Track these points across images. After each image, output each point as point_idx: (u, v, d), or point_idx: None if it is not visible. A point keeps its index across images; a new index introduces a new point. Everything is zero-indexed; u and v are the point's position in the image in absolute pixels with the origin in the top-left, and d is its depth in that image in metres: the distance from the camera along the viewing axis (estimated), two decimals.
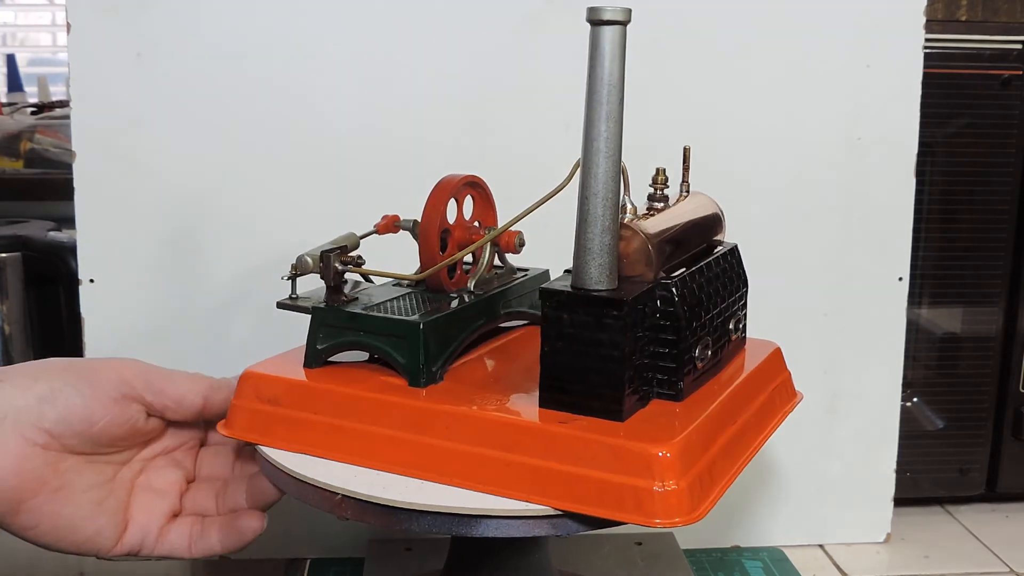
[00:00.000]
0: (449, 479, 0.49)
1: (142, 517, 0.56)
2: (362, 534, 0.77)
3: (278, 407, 0.53)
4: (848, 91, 0.77)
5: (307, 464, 0.51)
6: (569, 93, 0.75)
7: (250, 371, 0.55)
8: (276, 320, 0.75)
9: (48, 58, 2.23)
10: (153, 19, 0.72)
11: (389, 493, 0.48)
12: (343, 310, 0.55)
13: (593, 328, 0.48)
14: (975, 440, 0.87)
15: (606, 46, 0.46)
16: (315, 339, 0.55)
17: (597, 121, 0.46)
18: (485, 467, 0.48)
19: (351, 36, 0.73)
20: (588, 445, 0.47)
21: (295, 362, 0.56)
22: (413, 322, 0.53)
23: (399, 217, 0.60)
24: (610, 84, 0.46)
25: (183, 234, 0.74)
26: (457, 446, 0.49)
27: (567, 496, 0.47)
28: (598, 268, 0.48)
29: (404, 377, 0.53)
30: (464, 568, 0.58)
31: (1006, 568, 0.80)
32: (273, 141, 0.74)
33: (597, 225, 0.48)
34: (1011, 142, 0.82)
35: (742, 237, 0.77)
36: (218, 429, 0.55)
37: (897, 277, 0.79)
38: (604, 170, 0.47)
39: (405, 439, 0.50)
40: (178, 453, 0.60)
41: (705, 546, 0.81)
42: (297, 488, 0.51)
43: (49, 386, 0.52)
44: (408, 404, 0.51)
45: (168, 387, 0.56)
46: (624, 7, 0.45)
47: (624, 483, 0.46)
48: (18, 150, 1.33)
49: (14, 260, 0.98)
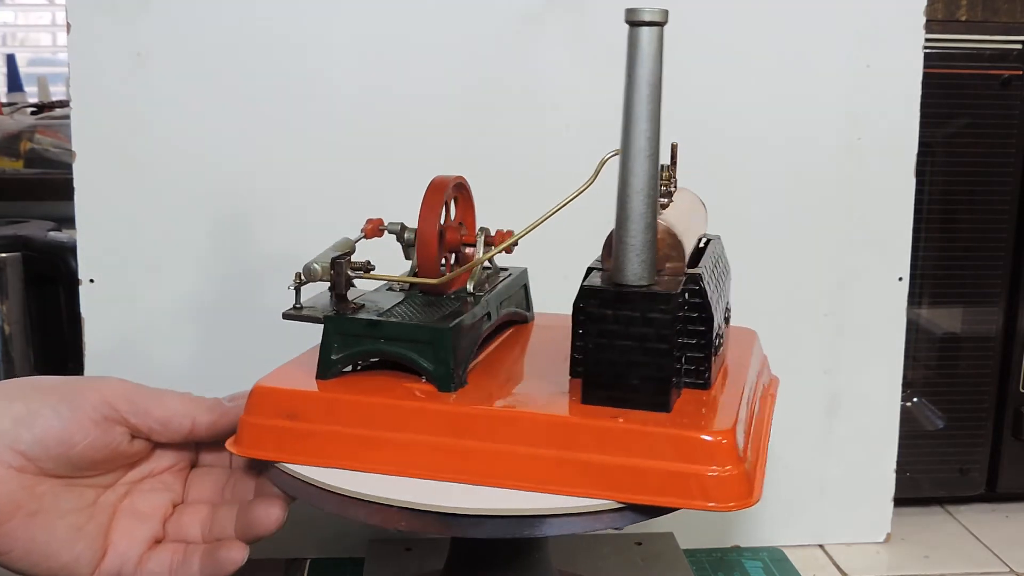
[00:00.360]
0: (500, 481, 0.49)
1: (122, 543, 0.54)
2: (362, 534, 0.77)
3: (298, 422, 0.51)
4: (848, 91, 0.77)
5: (346, 478, 0.49)
6: (569, 93, 0.75)
7: (262, 386, 0.52)
8: (276, 321, 0.75)
9: (48, 58, 2.23)
10: (153, 19, 0.72)
11: (449, 501, 0.47)
12: (360, 318, 0.53)
13: (639, 323, 0.49)
14: (975, 440, 0.87)
15: (644, 47, 0.47)
16: (329, 349, 0.53)
17: (637, 120, 0.48)
18: (539, 467, 0.48)
19: (351, 36, 0.73)
20: (647, 437, 0.48)
21: (305, 373, 0.54)
22: (442, 327, 0.52)
23: (383, 221, 0.59)
24: (649, 84, 0.47)
25: (183, 234, 0.74)
26: (506, 448, 0.49)
27: (628, 488, 0.47)
28: (641, 264, 0.49)
29: (432, 383, 0.52)
30: (464, 568, 0.58)
31: (1006, 568, 0.80)
32: (273, 141, 0.74)
33: (641, 222, 0.49)
34: (1011, 142, 0.82)
35: (742, 237, 0.77)
36: (227, 447, 0.53)
37: (897, 277, 0.80)
38: (646, 168, 0.48)
39: (446, 445, 0.49)
40: (167, 476, 0.57)
41: (705, 546, 0.81)
42: (339, 503, 0.49)
43: (26, 407, 0.51)
44: (450, 410, 0.50)
45: (154, 408, 0.53)
46: (661, 8, 0.47)
47: (685, 471, 0.47)
48: (18, 150, 1.34)
49: (14, 260, 0.98)
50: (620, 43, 0.75)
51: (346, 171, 0.74)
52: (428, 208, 0.56)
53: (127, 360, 0.75)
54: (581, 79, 0.75)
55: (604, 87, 0.75)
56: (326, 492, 0.49)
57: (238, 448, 0.52)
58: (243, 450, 0.52)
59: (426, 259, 0.56)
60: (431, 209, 0.56)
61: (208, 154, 0.73)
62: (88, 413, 0.52)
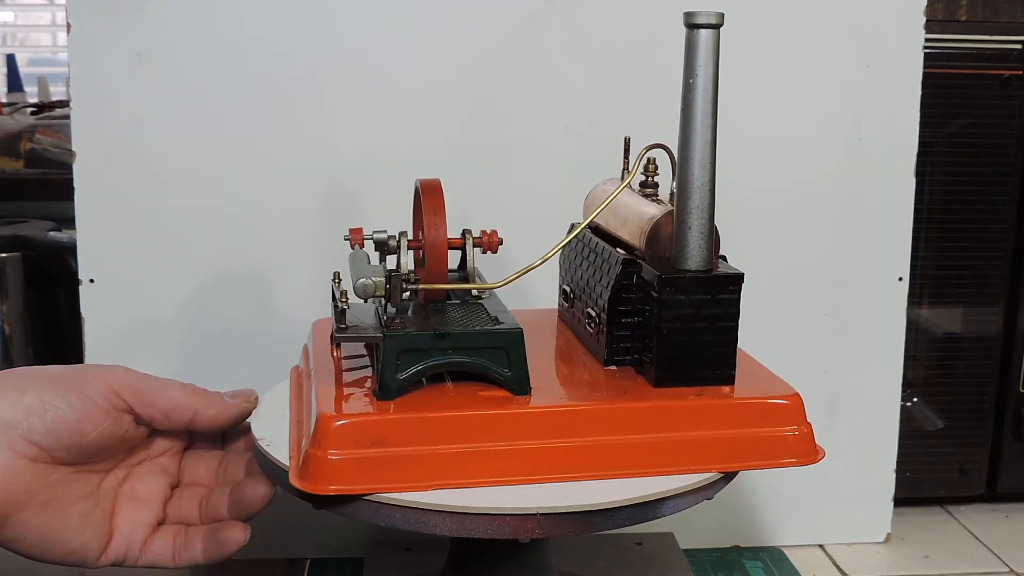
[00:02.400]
0: (606, 473, 0.50)
1: (126, 527, 0.56)
2: (362, 534, 0.77)
3: (386, 448, 0.49)
4: (848, 91, 0.77)
5: (457, 496, 0.48)
6: (569, 93, 0.75)
7: (330, 416, 0.49)
8: (276, 321, 0.75)
9: (48, 58, 2.23)
10: (153, 19, 0.72)
11: (581, 499, 0.48)
12: (425, 333, 0.51)
13: (711, 304, 0.53)
14: (975, 440, 0.87)
15: (701, 48, 0.51)
16: (392, 368, 0.51)
17: (696, 116, 0.51)
18: (640, 452, 0.51)
19: (351, 36, 0.73)
20: (736, 408, 0.52)
21: (360, 396, 0.52)
22: (515, 331, 0.52)
23: (362, 230, 0.57)
24: (706, 81, 0.51)
25: (183, 234, 0.74)
26: (606, 439, 0.51)
27: (729, 458, 0.52)
28: (708, 250, 0.53)
29: (506, 388, 0.52)
30: (464, 568, 0.58)
31: (1006, 568, 0.80)
32: (273, 141, 0.74)
33: (707, 212, 0.53)
34: (1011, 142, 0.82)
35: (742, 236, 0.77)
36: (299, 486, 0.48)
37: (897, 277, 0.79)
38: (708, 161, 0.52)
39: (547, 447, 0.50)
40: (163, 459, 0.59)
41: (705, 546, 0.81)
42: (458, 523, 0.48)
43: (39, 398, 0.52)
44: (548, 411, 0.51)
45: (158, 398, 0.55)
46: (718, 11, 0.50)
47: (773, 434, 0.52)
48: (18, 150, 1.33)
49: (14, 260, 0.98)
50: (620, 43, 0.75)
51: (346, 171, 0.74)
52: (433, 213, 0.55)
53: (127, 360, 0.74)
54: (581, 79, 0.75)
55: (604, 87, 0.75)
56: (442, 514, 0.48)
57: (315, 486, 0.48)
58: (322, 487, 0.48)
59: (438, 263, 0.55)
60: (437, 214, 0.55)
61: (208, 154, 0.73)
62: (98, 403, 0.53)
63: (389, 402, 0.51)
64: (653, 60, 0.74)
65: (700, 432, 0.52)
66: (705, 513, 0.61)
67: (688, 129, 0.52)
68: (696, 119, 0.51)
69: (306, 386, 0.57)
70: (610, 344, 0.55)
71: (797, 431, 0.52)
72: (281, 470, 0.51)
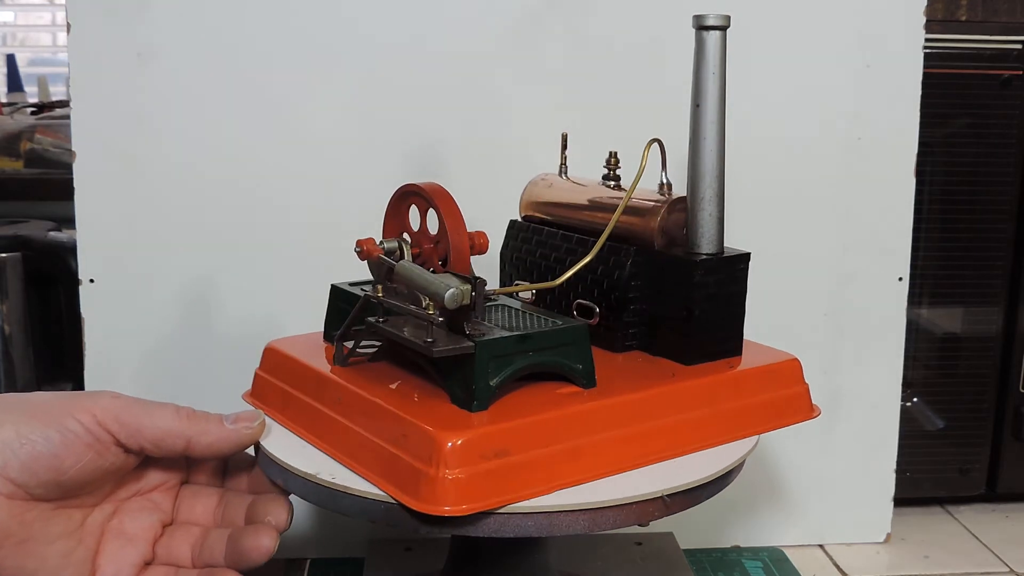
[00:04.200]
0: (677, 451, 0.53)
1: (110, 568, 0.52)
2: (362, 534, 0.77)
3: (509, 457, 0.48)
4: (848, 91, 0.77)
5: (583, 492, 0.48)
6: (569, 93, 0.75)
7: (447, 436, 0.47)
8: (276, 320, 0.75)
9: (48, 58, 2.23)
10: (153, 19, 0.72)
11: (690, 476, 0.50)
12: (510, 336, 0.51)
13: (729, 283, 0.57)
14: (975, 440, 0.87)
15: (710, 48, 0.54)
16: (484, 376, 0.49)
17: (707, 111, 0.55)
18: (707, 425, 0.54)
19: (350, 36, 0.73)
20: (767, 374, 0.58)
21: (444, 407, 0.50)
22: (581, 324, 0.53)
23: (374, 240, 0.57)
24: (715, 78, 0.55)
25: (183, 234, 0.74)
26: (671, 420, 0.53)
27: (763, 421, 0.57)
28: (717, 233, 0.57)
29: (577, 382, 0.53)
30: (464, 568, 0.58)
31: (1006, 568, 0.80)
32: (272, 141, 0.74)
33: (720, 199, 0.57)
34: (1011, 142, 0.82)
35: (742, 236, 0.77)
36: (426, 510, 0.46)
37: (897, 277, 0.80)
38: (717, 153, 0.56)
39: (629, 434, 0.52)
40: (156, 494, 0.55)
41: (705, 546, 0.81)
42: (589, 519, 0.48)
43: (15, 431, 0.48)
44: (632, 399, 0.53)
45: (145, 427, 0.51)
46: (724, 14, 0.54)
47: (793, 392, 0.59)
48: (18, 150, 1.33)
49: (14, 260, 0.98)
50: (620, 42, 0.75)
51: (345, 170, 0.74)
52: (453, 217, 0.55)
53: (127, 360, 0.75)
54: (581, 79, 0.75)
55: (604, 86, 0.75)
56: (573, 513, 0.48)
57: (442, 507, 0.46)
58: (453, 508, 0.46)
59: (463, 268, 0.55)
60: (457, 218, 0.55)
61: (208, 154, 0.73)
62: (79, 435, 0.49)
63: (484, 412, 0.49)
64: (653, 59, 0.74)
65: (741, 401, 0.56)
66: (705, 513, 0.61)
67: (698, 124, 0.55)
68: (706, 115, 0.55)
69: (343, 406, 0.53)
70: (622, 331, 0.58)
71: (802, 389, 0.59)
72: (369, 501, 0.48)
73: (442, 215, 0.55)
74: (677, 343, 0.57)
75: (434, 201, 0.55)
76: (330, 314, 0.61)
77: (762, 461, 0.81)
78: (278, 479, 0.52)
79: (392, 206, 0.59)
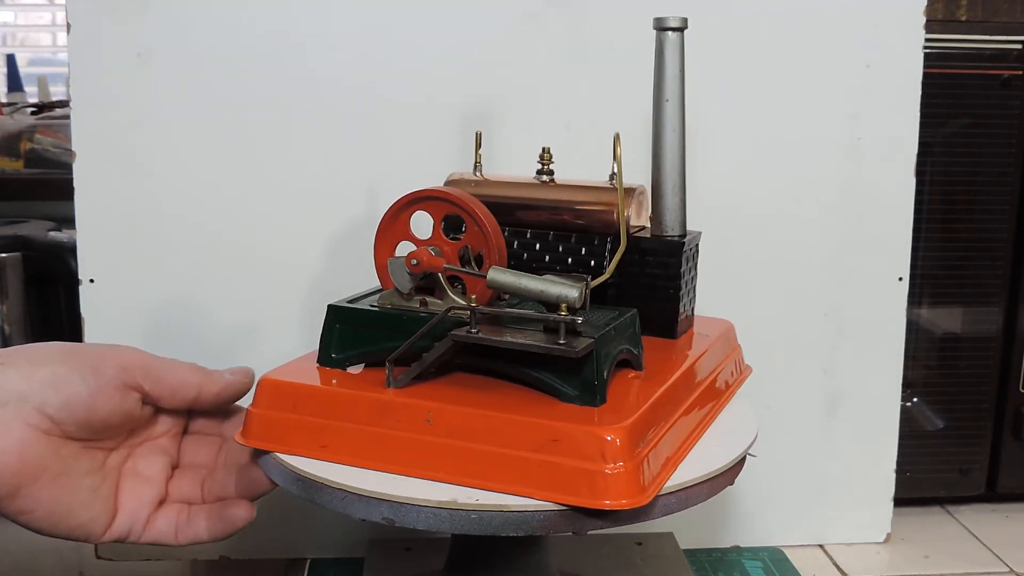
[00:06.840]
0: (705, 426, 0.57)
1: (130, 504, 0.57)
2: (362, 534, 0.77)
3: (651, 442, 0.49)
4: (848, 91, 0.77)
5: (699, 463, 0.52)
6: (569, 92, 0.75)
7: (607, 431, 0.47)
8: (275, 319, 0.75)
9: (48, 58, 2.23)
10: (153, 19, 0.72)
11: (718, 462, 0.53)
12: (609, 328, 0.52)
13: (690, 263, 0.62)
14: (975, 440, 0.87)
15: (669, 48, 0.59)
16: (602, 369, 0.50)
17: (665, 107, 0.59)
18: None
19: (350, 36, 0.73)
20: (729, 338, 0.65)
21: (567, 406, 0.50)
22: (635, 312, 0.56)
23: (429, 252, 0.55)
24: (673, 76, 0.59)
25: (183, 234, 0.74)
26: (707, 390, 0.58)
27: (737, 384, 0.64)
28: (680, 218, 0.61)
29: (636, 367, 0.56)
30: (464, 568, 0.58)
31: (1006, 568, 0.80)
32: (273, 141, 0.74)
33: (680, 188, 0.61)
34: (1011, 142, 0.82)
35: (742, 236, 0.77)
36: (608, 507, 0.46)
37: (897, 277, 0.79)
38: (676, 145, 0.60)
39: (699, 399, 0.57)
40: (163, 440, 0.60)
41: (705, 546, 0.81)
42: (710, 487, 0.52)
43: (53, 372, 0.52)
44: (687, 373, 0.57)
45: (165, 376, 0.56)
46: (682, 16, 0.59)
47: (738, 356, 0.65)
48: (18, 150, 1.33)
49: (14, 260, 0.98)
50: (619, 42, 0.75)
51: (345, 170, 0.74)
52: (491, 222, 0.54)
53: None
54: (581, 79, 0.75)
55: (604, 86, 0.75)
56: (702, 484, 0.51)
57: (623, 499, 0.47)
58: (631, 500, 0.47)
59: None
60: (492, 219, 0.55)
61: (208, 154, 0.73)
62: (110, 379, 0.54)
63: (605, 405, 0.50)
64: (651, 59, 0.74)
65: (727, 366, 0.62)
66: (705, 513, 0.61)
67: (659, 120, 0.60)
68: (665, 110, 0.59)
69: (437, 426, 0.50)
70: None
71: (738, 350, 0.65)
72: (528, 513, 0.47)
73: (479, 219, 0.54)
74: (662, 321, 0.61)
75: (466, 205, 0.54)
76: (327, 335, 0.56)
77: (761, 461, 0.81)
78: (387, 515, 0.48)
79: (390, 216, 0.56)
